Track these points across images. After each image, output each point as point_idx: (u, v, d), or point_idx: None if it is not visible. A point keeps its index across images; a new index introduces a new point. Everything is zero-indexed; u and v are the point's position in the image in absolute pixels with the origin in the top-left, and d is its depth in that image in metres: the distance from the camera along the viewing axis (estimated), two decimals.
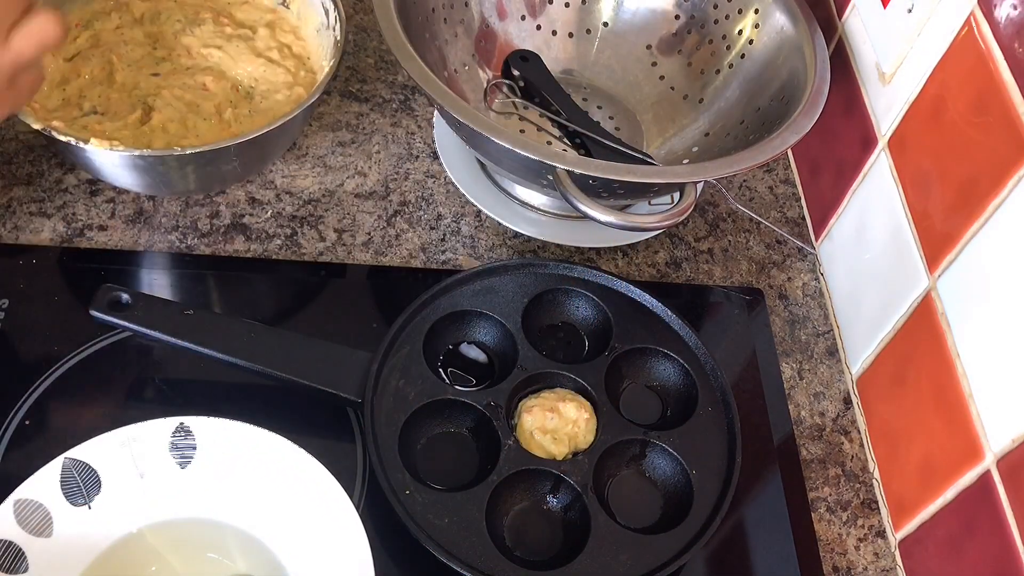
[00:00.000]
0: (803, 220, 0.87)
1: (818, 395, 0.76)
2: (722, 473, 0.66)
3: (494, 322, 0.71)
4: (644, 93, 0.87)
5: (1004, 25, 0.59)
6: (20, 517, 0.55)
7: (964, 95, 0.63)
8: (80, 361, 0.69)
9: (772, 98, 0.78)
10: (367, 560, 0.55)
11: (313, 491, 0.58)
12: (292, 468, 0.58)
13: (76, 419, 0.66)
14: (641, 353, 0.71)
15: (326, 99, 0.88)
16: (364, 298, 0.77)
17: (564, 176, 0.66)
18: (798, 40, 0.77)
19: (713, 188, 0.88)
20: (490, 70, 0.86)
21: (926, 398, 0.66)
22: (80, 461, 0.57)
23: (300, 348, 0.66)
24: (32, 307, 0.71)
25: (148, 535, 0.58)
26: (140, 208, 0.78)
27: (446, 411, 0.67)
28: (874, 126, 0.75)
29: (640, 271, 0.81)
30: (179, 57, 0.81)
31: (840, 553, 0.69)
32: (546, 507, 0.65)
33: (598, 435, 0.66)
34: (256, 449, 0.59)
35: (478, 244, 0.81)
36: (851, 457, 0.73)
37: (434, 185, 0.84)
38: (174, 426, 0.59)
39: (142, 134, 0.74)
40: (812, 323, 0.81)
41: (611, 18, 0.88)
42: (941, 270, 0.65)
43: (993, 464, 0.59)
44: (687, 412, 0.68)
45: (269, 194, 0.81)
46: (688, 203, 0.67)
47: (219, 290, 0.76)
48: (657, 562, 0.61)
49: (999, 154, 0.59)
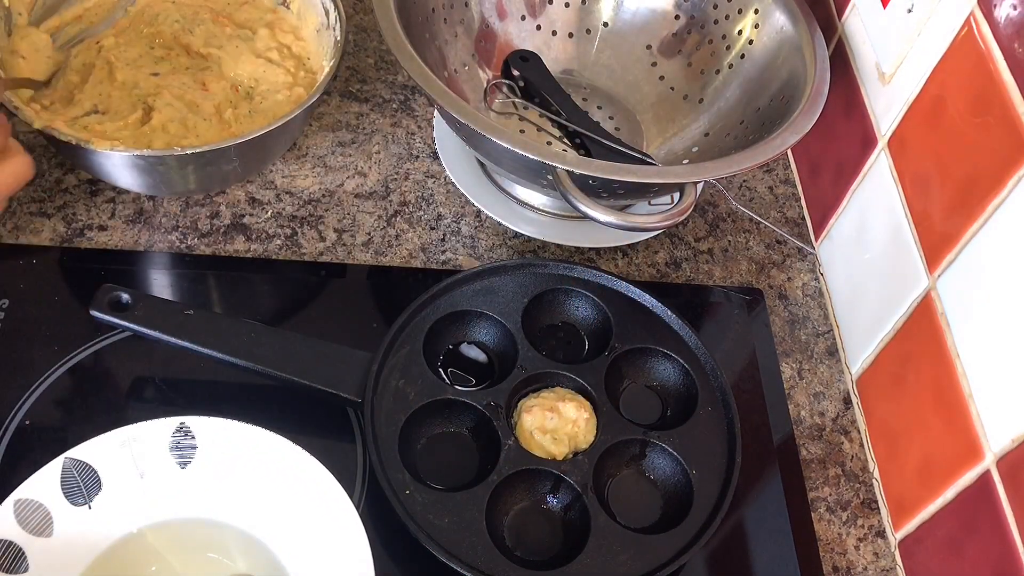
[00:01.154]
0: (803, 220, 0.87)
1: (818, 395, 0.76)
2: (722, 473, 0.66)
3: (494, 322, 0.71)
4: (644, 93, 0.87)
5: (1004, 25, 0.59)
6: (20, 517, 0.55)
7: (964, 95, 0.63)
8: (80, 361, 0.69)
9: (772, 98, 0.78)
10: (367, 560, 0.55)
11: (313, 491, 0.58)
12: (292, 468, 0.58)
13: (76, 419, 0.66)
14: (641, 353, 0.71)
15: (326, 99, 0.88)
16: (364, 298, 0.77)
17: (564, 176, 0.66)
18: (798, 40, 0.77)
19: (713, 188, 0.88)
20: (490, 70, 0.86)
21: (926, 398, 0.66)
22: (80, 461, 0.57)
23: (300, 348, 0.66)
24: (32, 307, 0.71)
25: (148, 535, 0.58)
26: (140, 208, 0.78)
27: (446, 411, 0.67)
28: (874, 126, 0.75)
29: (640, 271, 0.81)
30: (178, 57, 0.81)
31: (840, 553, 0.69)
32: (546, 507, 0.65)
33: (598, 435, 0.66)
34: (256, 449, 0.59)
35: (478, 244, 0.81)
36: (851, 457, 0.73)
37: (434, 185, 0.84)
38: (174, 426, 0.59)
39: (142, 134, 0.74)
40: (812, 323, 0.81)
41: (611, 18, 0.88)
42: (941, 270, 0.65)
43: (993, 464, 0.59)
44: (687, 412, 0.68)
45: (269, 194, 0.81)
46: (688, 203, 0.67)
47: (219, 290, 0.76)
48: (657, 562, 0.61)
49: (999, 154, 0.59)
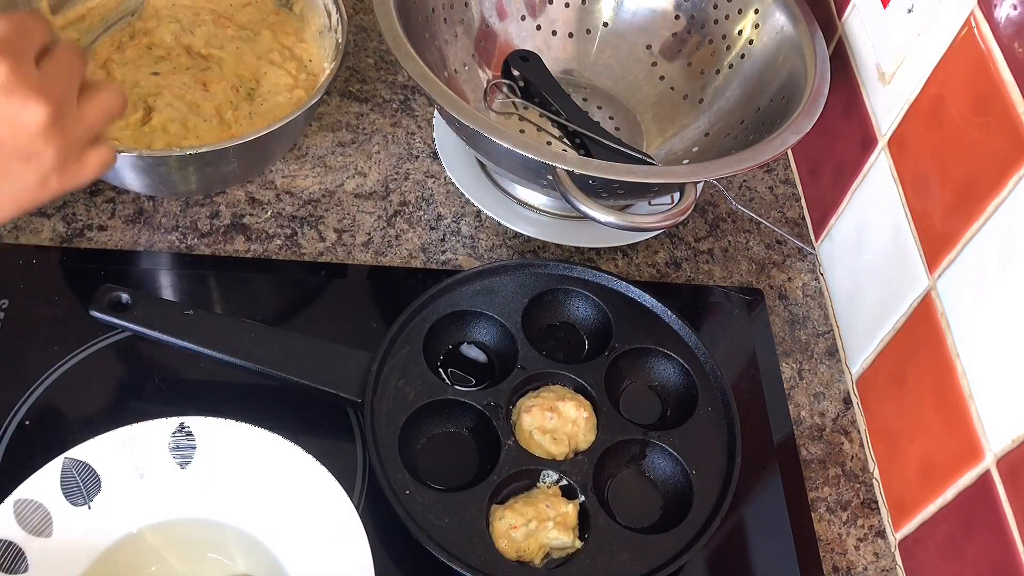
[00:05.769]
0: (803, 220, 0.87)
1: (818, 395, 0.76)
2: (722, 473, 0.66)
3: (494, 322, 0.71)
4: (644, 93, 0.87)
5: (1004, 25, 0.59)
6: (20, 517, 0.55)
7: (964, 95, 0.63)
8: (80, 361, 0.69)
9: (772, 98, 0.78)
10: (367, 560, 0.55)
11: (313, 491, 0.58)
12: (292, 468, 0.59)
13: (76, 419, 0.66)
14: (641, 353, 0.71)
15: (326, 99, 0.88)
16: (364, 298, 0.77)
17: (564, 176, 0.66)
18: (798, 40, 0.77)
19: (713, 188, 0.88)
20: (490, 70, 0.86)
21: (926, 398, 0.66)
22: (80, 461, 0.57)
23: (300, 348, 0.66)
24: (32, 307, 0.71)
25: (148, 535, 0.58)
26: (140, 208, 0.78)
27: (446, 411, 0.67)
28: (874, 126, 0.75)
29: (640, 271, 0.81)
30: (179, 57, 0.81)
31: (840, 553, 0.69)
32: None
33: (598, 435, 0.66)
34: (256, 449, 0.59)
35: (478, 244, 0.81)
36: (851, 457, 0.73)
37: (434, 185, 0.84)
38: (174, 426, 0.59)
39: (142, 134, 0.74)
40: (812, 323, 0.81)
41: (611, 18, 0.88)
42: (941, 270, 0.65)
43: (993, 464, 0.59)
44: (687, 412, 0.68)
45: (269, 194, 0.81)
46: (688, 203, 0.67)
47: (219, 290, 0.76)
48: (657, 562, 0.61)
49: (999, 154, 0.59)
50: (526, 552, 0.61)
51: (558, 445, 0.65)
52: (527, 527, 0.61)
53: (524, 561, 0.61)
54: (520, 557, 0.61)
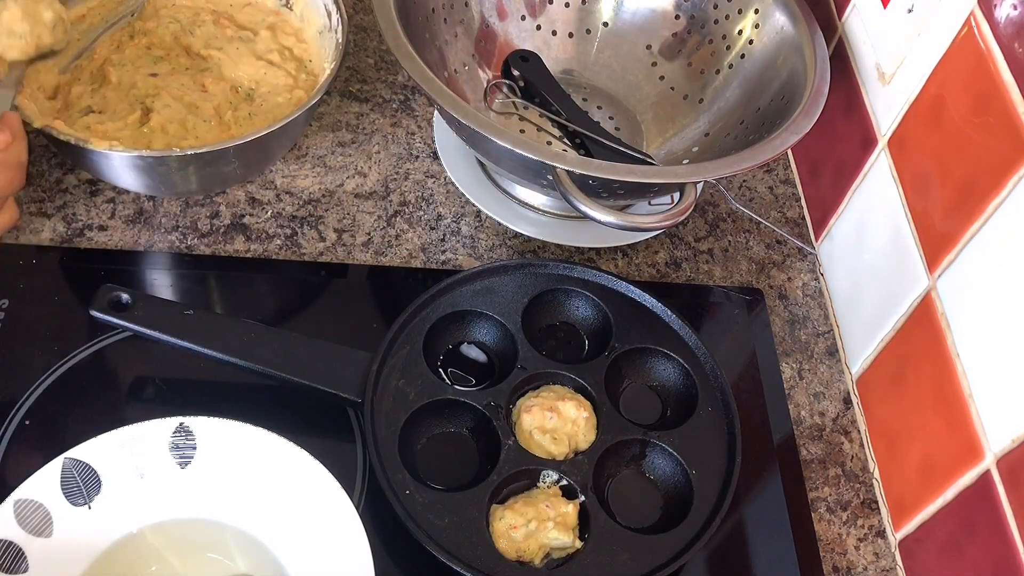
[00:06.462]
0: (803, 220, 0.87)
1: (818, 395, 0.76)
2: (722, 473, 0.66)
3: (494, 322, 0.71)
4: (644, 93, 0.87)
5: (1004, 25, 0.59)
6: (20, 517, 0.55)
7: (964, 95, 0.63)
8: (80, 361, 0.69)
9: (772, 98, 0.78)
10: (367, 560, 0.55)
11: (313, 491, 0.58)
12: (292, 468, 0.58)
13: (76, 419, 0.66)
14: (641, 353, 0.71)
15: (326, 99, 0.88)
16: (364, 298, 0.77)
17: (564, 176, 0.66)
18: (798, 40, 0.77)
19: (713, 188, 0.88)
20: (490, 70, 0.86)
21: (926, 398, 0.66)
22: (80, 461, 0.57)
23: (300, 348, 0.66)
24: (32, 307, 0.71)
25: (148, 535, 0.58)
26: (140, 208, 0.78)
27: (446, 411, 0.67)
28: (874, 126, 0.75)
29: (640, 271, 0.81)
30: (178, 58, 0.81)
31: (840, 553, 0.69)
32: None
33: (598, 435, 0.66)
34: (256, 449, 0.59)
35: (478, 244, 0.81)
36: (851, 457, 0.73)
37: (434, 185, 0.84)
38: (174, 426, 0.59)
39: (142, 135, 0.74)
40: (812, 323, 0.81)
41: (611, 18, 0.88)
42: (941, 270, 0.65)
43: (993, 464, 0.59)
44: (687, 412, 0.68)
45: (269, 194, 0.81)
46: (688, 203, 0.67)
47: (219, 290, 0.76)
48: (657, 562, 0.61)
49: (999, 154, 0.59)
50: (526, 552, 0.61)
51: (558, 445, 0.65)
52: (527, 527, 0.61)
53: (524, 561, 0.61)
54: (520, 557, 0.61)
